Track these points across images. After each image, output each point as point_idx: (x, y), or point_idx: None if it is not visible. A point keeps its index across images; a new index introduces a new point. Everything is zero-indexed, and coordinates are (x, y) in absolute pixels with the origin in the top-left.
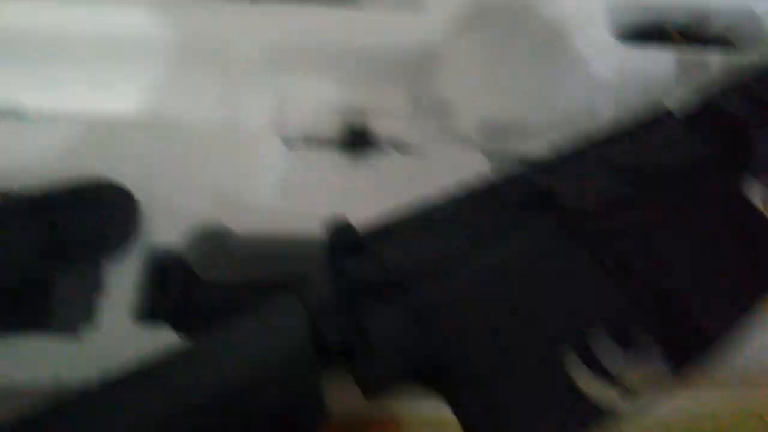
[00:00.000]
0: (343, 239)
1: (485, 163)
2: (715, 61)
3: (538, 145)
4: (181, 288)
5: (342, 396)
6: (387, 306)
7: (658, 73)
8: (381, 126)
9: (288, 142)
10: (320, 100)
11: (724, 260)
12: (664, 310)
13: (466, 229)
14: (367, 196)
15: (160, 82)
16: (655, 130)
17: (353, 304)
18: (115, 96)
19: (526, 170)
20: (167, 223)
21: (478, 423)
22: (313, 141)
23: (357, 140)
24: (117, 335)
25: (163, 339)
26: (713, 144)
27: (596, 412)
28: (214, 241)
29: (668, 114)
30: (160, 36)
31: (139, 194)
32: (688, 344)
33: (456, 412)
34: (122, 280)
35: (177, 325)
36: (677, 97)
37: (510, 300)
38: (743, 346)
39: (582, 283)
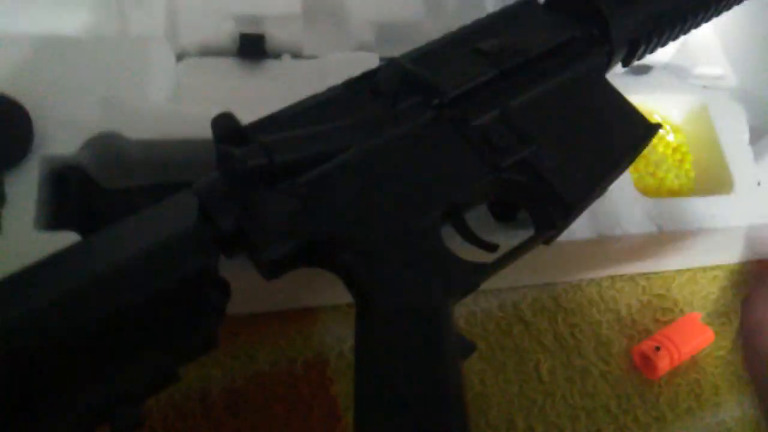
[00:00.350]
0: (228, 131)
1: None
2: None
3: None
4: (81, 195)
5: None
6: (275, 191)
7: None
8: (275, 33)
9: (182, 50)
10: (213, 9)
11: (582, 136)
12: (528, 182)
13: (347, 116)
14: (264, 102)
15: None
16: (520, 16)
17: (243, 192)
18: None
19: (400, 60)
20: (63, 135)
21: (367, 289)
22: (208, 50)
23: (252, 48)
24: (21, 243)
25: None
26: (573, 25)
27: (470, 273)
28: (110, 149)
29: (531, 2)
30: None
31: (32, 108)
32: (550, 213)
33: (347, 283)
34: (22, 192)
35: (81, 232)
36: None
37: (388, 178)
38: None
39: (452, 159)
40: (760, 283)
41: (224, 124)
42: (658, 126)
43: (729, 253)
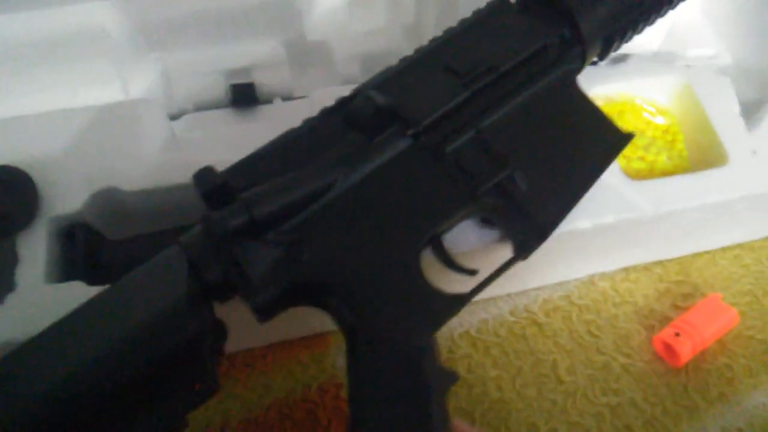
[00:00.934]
0: (210, 186)
1: None
2: None
3: None
4: (87, 248)
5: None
6: (259, 242)
7: None
8: (264, 80)
9: (180, 109)
10: (203, 67)
11: (556, 151)
12: (503, 205)
13: (325, 150)
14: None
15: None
16: (492, 21)
17: (227, 247)
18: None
19: (371, 94)
20: (67, 195)
21: (352, 325)
22: (203, 104)
23: (243, 97)
24: (33, 297)
25: (76, 295)
26: (544, 28)
27: (449, 305)
28: (111, 203)
29: (504, 2)
30: (43, 35)
31: (38, 175)
32: (526, 236)
33: (335, 321)
34: (32, 250)
35: (90, 282)
36: None
37: (368, 216)
38: None
39: (430, 189)
40: None
41: (205, 179)
42: (631, 136)
43: (747, 230)
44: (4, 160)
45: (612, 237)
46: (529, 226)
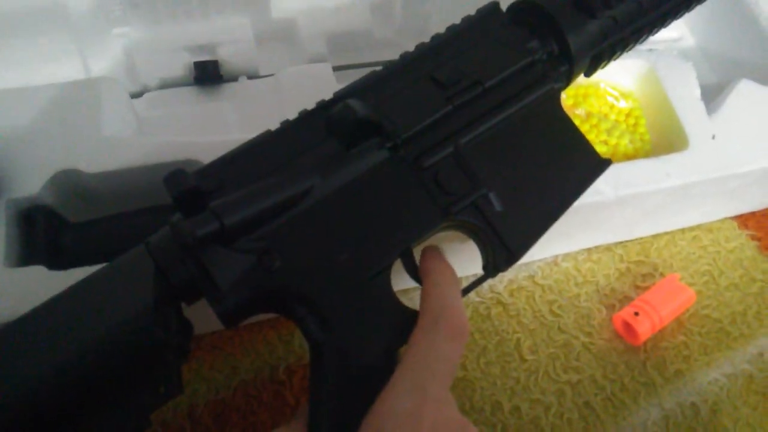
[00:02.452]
0: (182, 190)
1: (334, 78)
2: None
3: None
4: (48, 231)
5: None
6: (229, 249)
7: None
8: (229, 57)
9: (143, 87)
10: (166, 44)
11: (533, 174)
12: (477, 225)
13: (302, 155)
14: (224, 123)
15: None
16: (482, 30)
17: (195, 253)
18: None
19: (354, 93)
20: (26, 177)
21: (318, 340)
22: (167, 82)
23: (207, 74)
24: None
25: (36, 279)
26: (534, 42)
27: (411, 323)
28: (71, 185)
29: (495, 11)
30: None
31: None
32: (497, 259)
33: (301, 331)
34: None
35: (51, 266)
36: None
37: (342, 228)
38: None
39: (406, 203)
40: None
41: (176, 182)
42: (609, 162)
43: (706, 212)
44: None
45: (575, 219)
46: (499, 248)
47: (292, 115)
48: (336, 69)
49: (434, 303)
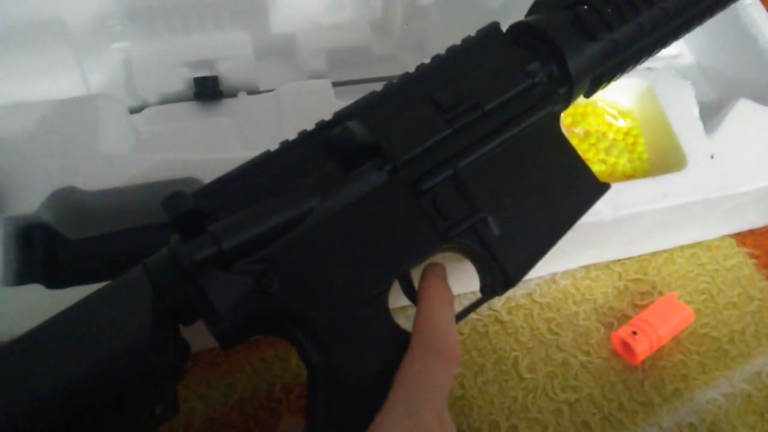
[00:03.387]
0: (180, 213)
1: (333, 94)
2: None
3: (384, 70)
4: (47, 249)
5: None
6: (227, 272)
7: None
8: (229, 73)
9: (142, 102)
10: (166, 59)
11: (531, 198)
12: (475, 248)
13: (302, 177)
14: (223, 139)
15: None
16: (483, 51)
17: (193, 276)
18: None
19: (353, 114)
20: (23, 195)
21: (316, 363)
22: (166, 97)
23: (207, 90)
24: None
25: (34, 298)
26: (534, 64)
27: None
28: (70, 203)
29: (495, 32)
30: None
31: None
32: (494, 283)
33: (299, 354)
34: None
35: (49, 284)
36: None
37: (340, 252)
38: None
39: (405, 227)
40: None
41: (175, 205)
42: (607, 186)
43: (704, 230)
44: None
45: (573, 238)
46: (497, 272)
47: (291, 130)
48: (335, 85)
49: (426, 326)
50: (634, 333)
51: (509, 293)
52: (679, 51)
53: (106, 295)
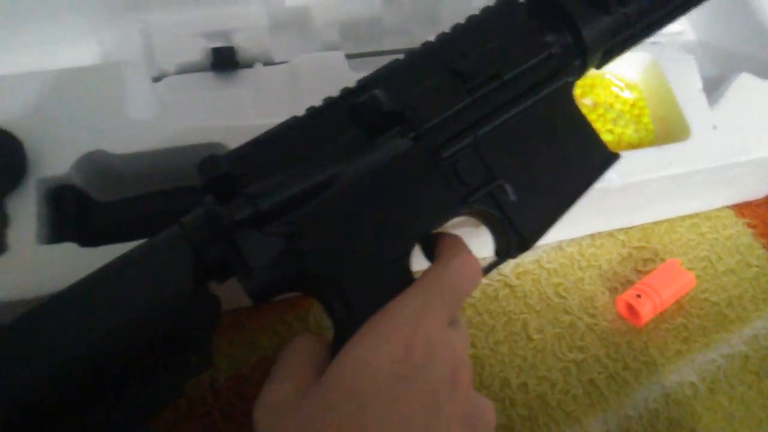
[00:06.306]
0: (214, 176)
1: (347, 65)
2: None
3: (395, 42)
4: (77, 210)
5: None
6: (260, 232)
7: None
8: (245, 44)
9: (160, 71)
10: (184, 29)
11: (545, 166)
12: (493, 213)
13: (328, 143)
14: (241, 108)
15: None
16: (500, 21)
17: (229, 234)
18: None
19: (378, 82)
20: (55, 158)
21: (341, 319)
22: (184, 67)
23: (224, 60)
24: (26, 257)
25: (69, 256)
26: (550, 34)
27: None
28: (98, 166)
29: (513, 3)
30: None
31: (25, 137)
32: (510, 245)
33: (326, 311)
34: (23, 212)
35: (82, 243)
36: None
37: (366, 214)
38: None
39: (427, 191)
40: None
41: (209, 168)
42: (617, 156)
43: (705, 200)
44: None
45: (581, 204)
46: (513, 236)
47: (306, 101)
48: (348, 57)
49: (451, 249)
50: (639, 296)
51: (518, 259)
52: (681, 28)
53: (146, 251)
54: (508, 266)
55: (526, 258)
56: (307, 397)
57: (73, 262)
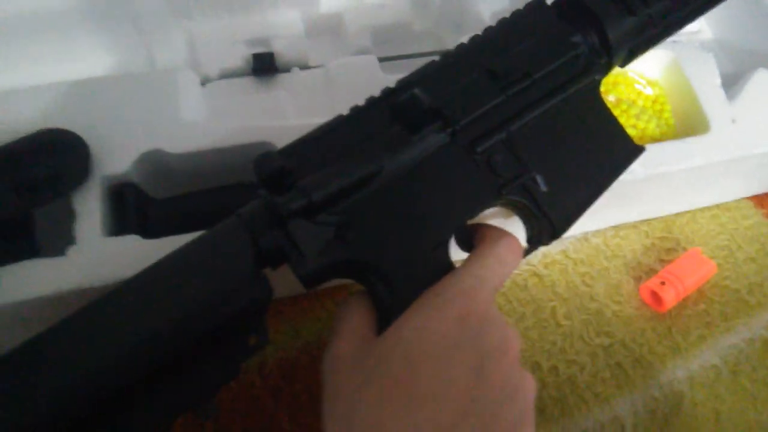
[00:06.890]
0: (270, 172)
1: (380, 69)
2: None
3: (424, 45)
4: (137, 205)
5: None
6: (311, 222)
7: None
8: (283, 50)
9: (205, 77)
10: (226, 37)
11: (574, 159)
12: (525, 204)
13: (370, 140)
14: (280, 110)
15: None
16: (530, 23)
17: (284, 223)
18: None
19: (417, 82)
20: (116, 157)
21: (386, 301)
22: (227, 72)
23: (264, 66)
24: (94, 248)
25: (133, 247)
26: (577, 35)
27: None
28: (156, 164)
29: (541, 6)
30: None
31: (89, 138)
32: (541, 233)
33: (372, 297)
34: (88, 207)
35: (143, 235)
36: None
37: (408, 205)
38: None
39: (463, 184)
40: None
41: (266, 163)
42: (642, 149)
43: (724, 192)
44: (59, 123)
45: (606, 196)
46: (544, 225)
47: (341, 102)
48: (381, 60)
49: (496, 231)
50: (663, 283)
51: (545, 250)
52: (699, 27)
53: (207, 241)
54: (536, 257)
55: (553, 249)
56: (368, 353)
57: (137, 253)
